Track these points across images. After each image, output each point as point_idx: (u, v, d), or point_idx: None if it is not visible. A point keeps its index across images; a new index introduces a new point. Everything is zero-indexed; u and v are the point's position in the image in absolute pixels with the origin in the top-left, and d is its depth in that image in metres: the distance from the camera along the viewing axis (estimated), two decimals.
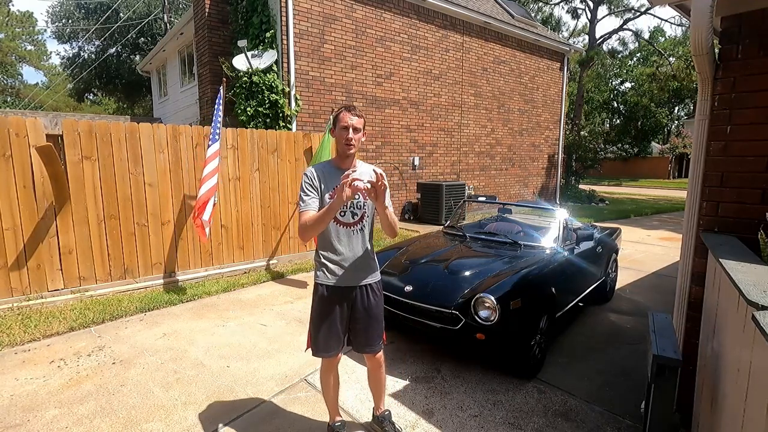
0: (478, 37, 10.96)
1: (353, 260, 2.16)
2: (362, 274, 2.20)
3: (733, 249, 1.90)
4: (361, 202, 2.16)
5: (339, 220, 2.14)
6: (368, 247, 2.23)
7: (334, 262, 2.16)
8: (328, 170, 2.16)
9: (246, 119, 7.60)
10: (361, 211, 2.17)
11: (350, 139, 2.08)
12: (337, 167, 2.16)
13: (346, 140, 2.08)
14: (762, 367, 1.20)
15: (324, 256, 2.18)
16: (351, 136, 2.08)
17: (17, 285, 4.24)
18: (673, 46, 33.05)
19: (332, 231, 2.14)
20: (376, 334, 2.28)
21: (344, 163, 2.16)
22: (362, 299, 2.21)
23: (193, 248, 5.36)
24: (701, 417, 2.09)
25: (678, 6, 2.51)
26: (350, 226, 2.16)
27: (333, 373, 2.32)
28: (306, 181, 2.12)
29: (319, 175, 2.13)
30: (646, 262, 6.82)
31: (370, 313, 2.23)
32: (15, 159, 4.13)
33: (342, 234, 2.15)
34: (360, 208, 2.17)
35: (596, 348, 3.71)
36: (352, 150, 2.11)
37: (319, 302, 2.19)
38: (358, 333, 2.25)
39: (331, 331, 2.18)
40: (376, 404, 2.50)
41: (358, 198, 2.12)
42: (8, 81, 33.76)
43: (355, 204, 2.14)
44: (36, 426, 2.53)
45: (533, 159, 13.42)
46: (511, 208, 5.12)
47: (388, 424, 2.46)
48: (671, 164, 31.60)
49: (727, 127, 2.21)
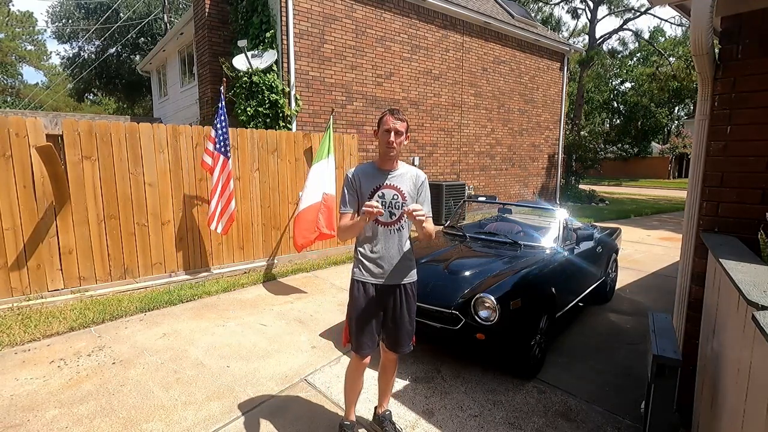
0: (478, 37, 10.95)
1: (389, 259, 2.18)
2: (399, 273, 2.21)
3: (733, 249, 1.90)
4: (399, 202, 2.17)
5: (378, 220, 2.15)
6: (406, 247, 2.24)
7: (370, 259, 2.19)
8: (370, 171, 2.21)
9: (246, 119, 7.60)
10: (399, 212, 2.18)
11: (392, 143, 2.11)
12: (379, 168, 2.20)
13: (387, 143, 2.11)
14: (762, 367, 1.20)
15: (361, 252, 2.22)
16: (392, 140, 2.11)
17: (17, 285, 4.24)
18: (673, 46, 33.03)
19: (371, 229, 2.18)
20: (407, 335, 2.29)
21: (386, 165, 2.20)
22: (397, 299, 2.22)
23: (193, 248, 5.36)
24: (701, 417, 2.09)
25: (678, 6, 2.51)
26: (388, 226, 2.17)
27: (360, 372, 2.33)
28: (346, 184, 2.20)
29: (360, 176, 2.19)
30: (646, 262, 6.81)
31: (405, 312, 2.24)
32: (15, 159, 4.13)
33: (379, 233, 2.17)
34: (398, 208, 2.17)
35: (596, 348, 3.71)
36: (393, 153, 2.14)
37: (356, 298, 2.21)
38: (390, 332, 2.27)
39: (365, 326, 2.21)
40: (381, 402, 2.51)
41: (397, 198, 2.16)
42: (8, 81, 33.76)
43: (393, 204, 2.16)
44: (36, 426, 2.53)
45: (533, 159, 13.41)
46: (511, 208, 5.12)
47: (388, 423, 2.46)
48: (671, 164, 31.60)
49: (727, 127, 2.21)
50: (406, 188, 2.19)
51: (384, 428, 2.45)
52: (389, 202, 2.16)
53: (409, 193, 2.19)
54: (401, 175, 2.21)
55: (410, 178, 2.22)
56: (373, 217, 1.97)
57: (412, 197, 2.20)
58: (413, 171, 2.25)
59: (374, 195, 2.15)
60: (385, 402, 2.51)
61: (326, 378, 3.11)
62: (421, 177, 2.27)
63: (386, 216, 2.15)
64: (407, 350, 2.32)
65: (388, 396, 2.52)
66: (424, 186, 2.27)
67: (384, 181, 2.17)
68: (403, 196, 2.17)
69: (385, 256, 2.18)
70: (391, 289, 2.21)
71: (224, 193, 4.97)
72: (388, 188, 2.17)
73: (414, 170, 2.26)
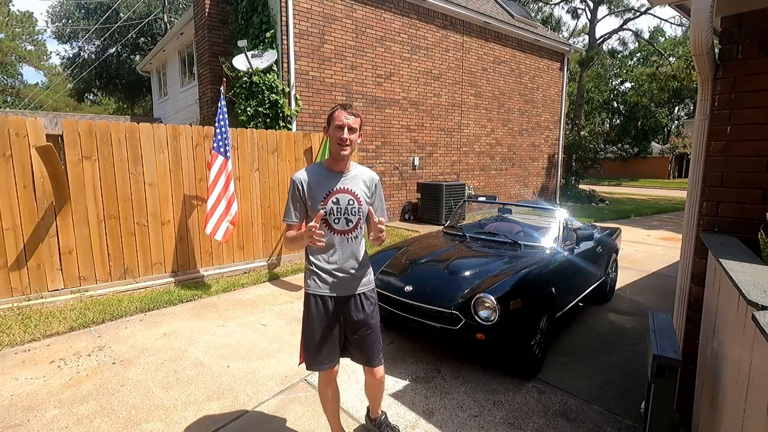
0: (478, 37, 10.96)
1: (348, 268, 2.04)
2: (356, 282, 2.07)
3: (733, 249, 1.89)
4: (356, 208, 2.01)
5: (333, 228, 1.99)
6: (362, 253, 2.10)
7: (326, 271, 2.03)
8: (320, 174, 2.01)
9: (246, 119, 7.60)
10: (356, 218, 2.03)
11: (344, 140, 1.93)
12: (330, 170, 2.02)
13: (339, 140, 1.93)
14: (762, 367, 1.20)
15: (316, 264, 2.05)
16: (345, 136, 1.92)
17: (17, 285, 4.24)
18: (673, 46, 33.04)
19: (328, 238, 1.98)
20: (375, 346, 2.13)
21: (338, 166, 2.02)
22: (357, 308, 2.07)
23: (193, 248, 5.36)
24: (701, 417, 2.09)
25: (678, 6, 2.51)
26: (344, 234, 2.01)
27: (331, 387, 2.18)
28: (292, 189, 2.00)
29: (309, 180, 1.99)
30: (646, 262, 6.81)
31: (367, 322, 2.09)
32: (15, 159, 4.13)
33: (336, 242, 2.01)
34: (355, 214, 2.02)
35: (596, 348, 3.71)
36: (346, 151, 1.96)
37: (312, 313, 2.05)
38: (356, 346, 2.12)
39: (325, 342, 2.04)
40: (374, 409, 2.43)
41: (353, 204, 2.01)
42: (8, 81, 33.77)
43: (349, 210, 2.00)
44: (36, 426, 2.53)
45: (533, 159, 13.41)
46: (511, 208, 5.12)
47: (386, 427, 2.41)
48: (671, 164, 31.60)
49: (727, 127, 2.21)
50: (360, 191, 2.03)
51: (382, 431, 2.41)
52: (344, 208, 1.99)
53: (363, 197, 2.04)
54: (354, 177, 2.04)
55: (363, 179, 2.06)
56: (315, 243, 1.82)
57: (366, 200, 2.06)
58: (366, 172, 2.10)
59: (328, 200, 1.96)
60: (378, 409, 2.42)
61: None
62: (375, 178, 2.13)
63: (342, 224, 1.99)
64: (379, 363, 2.16)
65: (380, 404, 2.43)
66: (378, 188, 2.13)
67: (337, 185, 1.99)
68: (359, 200, 2.01)
69: (342, 267, 2.03)
70: (349, 299, 2.06)
71: (224, 196, 4.91)
72: (342, 192, 1.99)
73: (367, 171, 2.11)
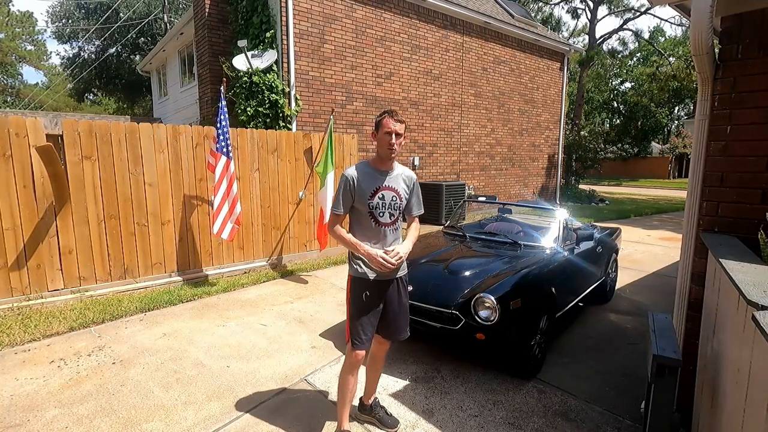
0: (478, 37, 10.95)
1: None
2: (397, 267, 2.27)
3: (733, 249, 1.90)
4: (398, 204, 2.29)
5: (379, 221, 2.26)
6: (401, 242, 2.36)
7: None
8: (368, 172, 2.26)
9: (246, 119, 7.60)
10: (398, 212, 2.31)
11: (393, 144, 2.17)
12: (376, 169, 2.28)
13: (389, 145, 2.18)
14: (762, 366, 1.20)
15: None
16: (394, 141, 2.17)
17: (17, 285, 4.23)
18: (673, 46, 33.03)
19: (372, 229, 2.25)
20: (405, 322, 2.43)
21: (384, 166, 2.29)
22: (396, 291, 2.34)
23: (193, 248, 5.36)
24: (701, 417, 2.09)
25: (678, 6, 2.51)
26: (388, 226, 2.28)
27: (355, 373, 2.34)
28: (344, 183, 2.24)
29: (359, 177, 2.23)
30: (646, 262, 6.81)
31: (403, 302, 2.38)
32: (15, 159, 4.13)
33: (381, 233, 2.27)
34: (396, 209, 2.30)
35: (596, 348, 3.71)
36: (394, 155, 2.22)
37: (358, 295, 2.28)
38: (390, 322, 2.37)
39: (369, 323, 2.28)
40: (369, 394, 2.59)
41: (396, 200, 2.28)
42: (8, 81, 33.77)
43: (392, 205, 2.27)
44: (36, 426, 2.53)
45: (533, 159, 13.41)
46: (511, 208, 5.12)
47: (379, 409, 2.58)
48: (671, 164, 31.60)
49: (727, 127, 2.21)
50: (401, 189, 2.32)
51: (376, 414, 2.55)
52: (389, 203, 2.27)
53: (404, 194, 2.33)
54: (397, 176, 2.33)
55: (404, 178, 2.35)
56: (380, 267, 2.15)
57: (406, 197, 2.35)
58: (406, 171, 2.38)
59: (375, 196, 2.23)
60: (373, 393, 2.60)
61: (326, 378, 3.11)
62: (414, 177, 2.42)
63: (386, 217, 2.27)
64: (406, 335, 2.45)
65: (376, 387, 2.61)
66: (416, 185, 2.42)
67: (383, 183, 2.27)
68: (401, 197, 2.31)
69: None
70: (389, 283, 2.32)
71: (228, 196, 4.94)
72: (387, 190, 2.27)
73: (406, 170, 2.39)
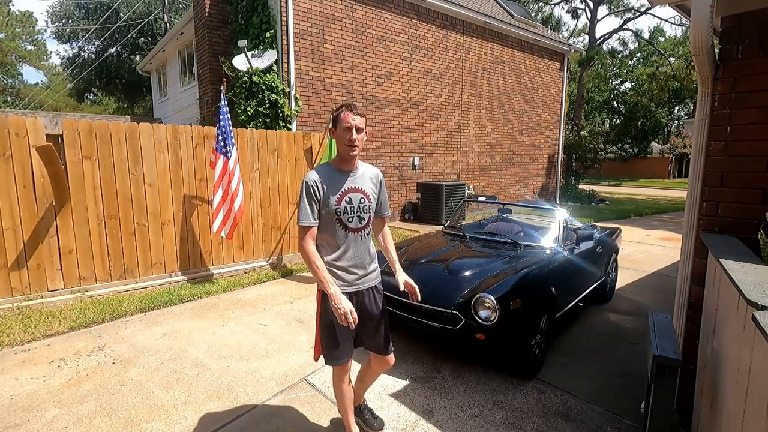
0: (478, 37, 10.96)
1: (361, 265, 2.14)
2: (370, 276, 2.19)
3: (733, 249, 1.90)
4: (367, 206, 2.11)
5: (347, 227, 2.07)
6: (373, 249, 2.22)
7: (343, 268, 2.10)
8: (331, 174, 2.06)
9: (246, 119, 7.60)
10: (368, 215, 2.13)
11: (354, 140, 1.98)
12: (339, 169, 2.08)
13: (349, 141, 1.98)
14: (762, 367, 1.20)
15: (332, 263, 2.10)
16: (354, 137, 1.97)
17: (17, 285, 4.24)
18: (673, 46, 33.04)
19: (340, 237, 2.07)
20: (388, 334, 2.27)
21: (347, 165, 2.09)
22: (371, 300, 2.19)
23: (193, 248, 5.36)
24: (701, 417, 2.09)
25: (678, 6, 2.51)
26: (358, 231, 2.11)
27: (347, 380, 2.27)
28: (306, 191, 2.01)
29: (323, 181, 2.02)
30: (646, 262, 6.81)
31: (380, 312, 2.22)
32: (15, 159, 4.13)
33: (350, 240, 2.09)
34: (366, 212, 2.12)
35: (596, 348, 3.71)
36: (356, 152, 2.02)
37: (330, 310, 2.05)
38: (372, 335, 2.23)
39: (343, 337, 2.12)
40: (360, 396, 2.54)
41: (364, 202, 2.10)
42: (8, 81, 33.77)
43: (362, 209, 2.09)
44: (36, 426, 2.53)
45: (533, 159, 13.41)
46: (511, 208, 5.12)
47: (367, 411, 2.56)
48: (671, 164, 31.59)
49: (727, 127, 2.21)
50: (369, 189, 2.14)
51: (362, 416, 2.53)
52: (357, 206, 2.07)
53: (372, 195, 2.15)
54: (362, 175, 2.13)
55: (371, 177, 2.16)
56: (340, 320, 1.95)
57: (374, 197, 2.17)
58: (371, 169, 2.19)
59: (341, 200, 2.03)
60: (361, 399, 2.56)
61: (326, 378, 3.11)
62: (380, 175, 2.23)
63: (355, 222, 2.08)
64: (392, 349, 2.31)
65: (363, 394, 2.57)
66: (383, 184, 2.24)
67: (348, 184, 2.07)
68: (369, 198, 2.12)
69: (357, 263, 2.12)
70: (364, 293, 2.17)
71: (227, 196, 4.96)
72: (354, 192, 2.08)
73: (371, 168, 2.20)
